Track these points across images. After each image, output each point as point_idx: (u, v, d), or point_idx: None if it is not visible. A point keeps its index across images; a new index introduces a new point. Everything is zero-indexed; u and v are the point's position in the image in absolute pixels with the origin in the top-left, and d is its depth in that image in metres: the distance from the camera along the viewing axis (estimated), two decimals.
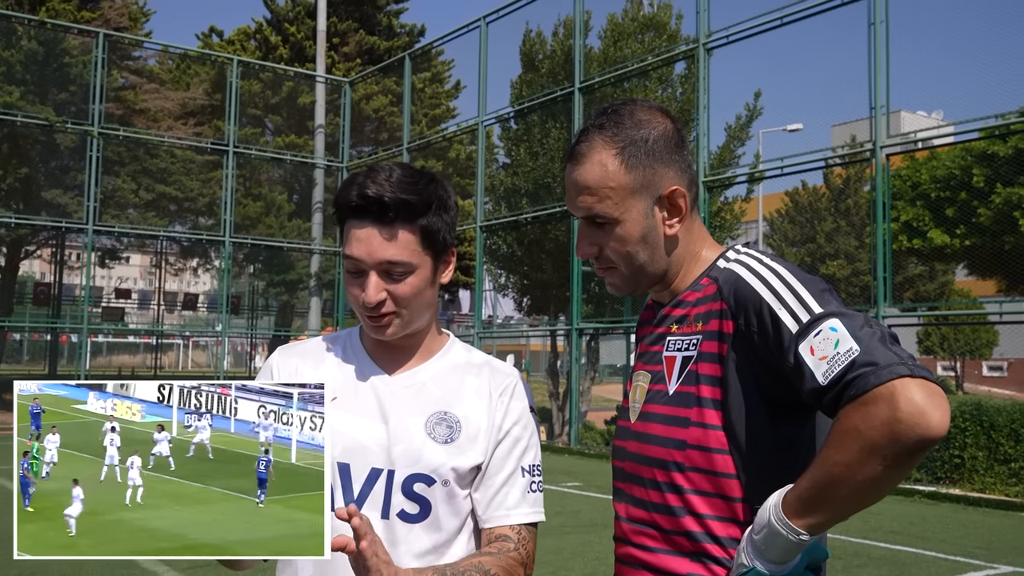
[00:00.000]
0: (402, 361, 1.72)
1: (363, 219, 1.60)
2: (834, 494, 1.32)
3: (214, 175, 23.85)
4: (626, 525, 1.61)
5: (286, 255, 25.17)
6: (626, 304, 18.31)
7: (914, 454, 1.26)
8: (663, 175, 1.57)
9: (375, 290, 1.61)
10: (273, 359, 1.78)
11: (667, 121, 1.61)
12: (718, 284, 1.55)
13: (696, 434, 1.50)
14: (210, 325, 35.81)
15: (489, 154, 20.78)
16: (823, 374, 1.34)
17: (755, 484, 1.46)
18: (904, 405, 1.25)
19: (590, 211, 1.58)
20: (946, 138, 15.00)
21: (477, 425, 1.67)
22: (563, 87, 18.00)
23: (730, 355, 1.48)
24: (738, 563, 1.41)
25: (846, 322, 1.36)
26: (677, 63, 17.55)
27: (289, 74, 25.86)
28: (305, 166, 24.93)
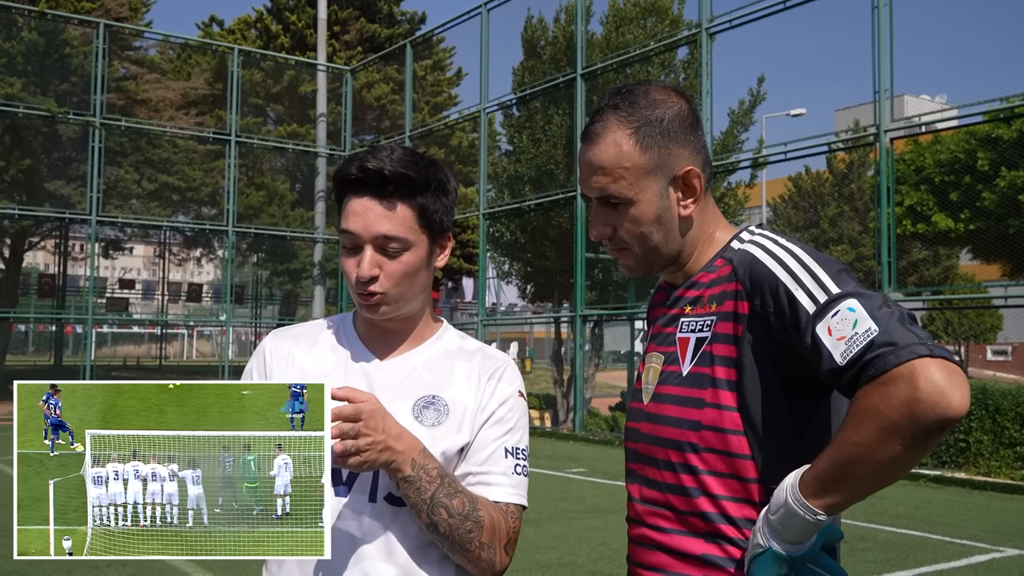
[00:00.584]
0: (394, 346, 1.71)
1: (361, 192, 1.60)
2: (852, 474, 1.31)
3: (216, 165, 23.84)
4: (640, 506, 1.61)
5: (289, 244, 25.18)
6: (630, 290, 18.31)
7: (933, 434, 1.26)
8: (678, 155, 1.57)
9: (369, 265, 1.60)
10: (266, 343, 1.77)
11: (682, 101, 1.59)
12: (733, 265, 1.54)
13: (711, 415, 1.49)
14: (214, 315, 35.83)
15: (491, 141, 20.75)
16: (841, 354, 1.33)
17: (770, 465, 1.46)
18: (924, 385, 1.24)
19: (604, 191, 1.57)
20: (950, 122, 14.94)
21: (464, 406, 1.66)
22: (565, 73, 17.95)
23: (745, 336, 1.48)
24: (754, 543, 1.40)
25: (864, 302, 1.35)
26: (680, 48, 17.48)
27: (290, 63, 25.80)
28: (307, 155, 24.90)
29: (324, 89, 24.34)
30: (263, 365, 1.73)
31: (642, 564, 1.60)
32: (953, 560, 7.03)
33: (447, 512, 1.54)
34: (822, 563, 1.39)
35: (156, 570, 6.18)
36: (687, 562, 1.51)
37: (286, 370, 1.70)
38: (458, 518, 1.54)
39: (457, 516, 1.54)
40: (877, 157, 13.09)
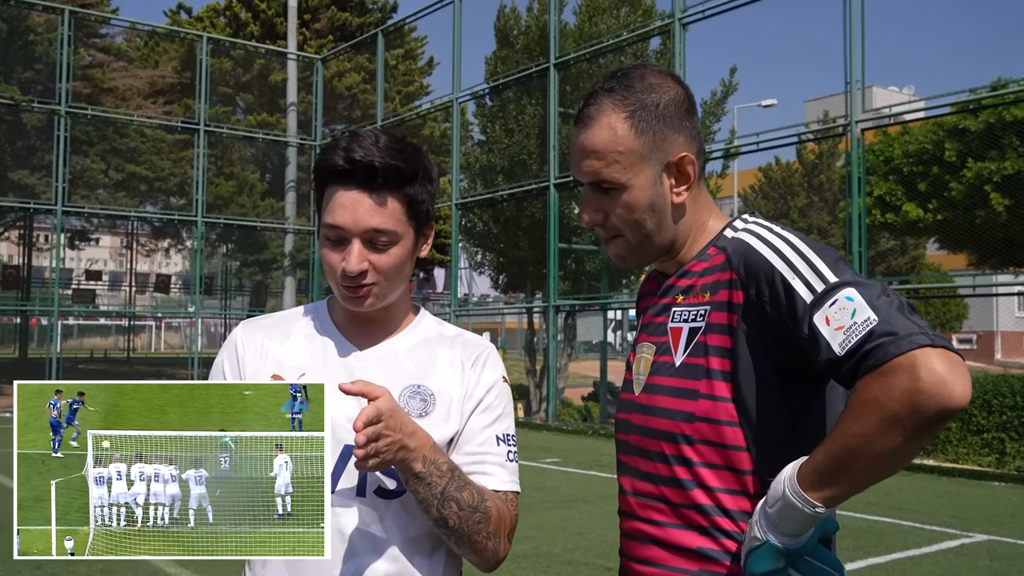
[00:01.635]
0: (373, 334, 1.67)
1: (349, 184, 1.54)
2: (852, 466, 1.29)
3: (185, 154, 23.56)
4: (632, 499, 1.59)
5: (260, 235, 24.97)
6: (603, 281, 18.36)
7: (935, 425, 1.24)
8: (673, 141, 1.54)
9: (358, 259, 1.55)
10: (236, 334, 1.70)
11: (678, 86, 1.57)
12: (727, 254, 1.52)
13: (705, 406, 1.47)
14: (182, 306, 35.48)
15: (464, 131, 20.68)
16: (840, 344, 1.31)
17: (765, 456, 1.44)
18: (925, 375, 1.23)
19: (597, 176, 1.54)
20: (919, 113, 15.08)
21: (450, 396, 1.63)
22: (538, 63, 17.91)
23: (740, 326, 1.45)
24: (751, 536, 1.38)
25: (863, 291, 1.33)
26: (653, 38, 17.51)
27: (260, 51, 25.54)
28: (277, 145, 24.69)
29: (294, 78, 24.13)
30: (235, 357, 1.67)
31: (635, 558, 1.58)
32: (924, 546, 7.13)
33: (457, 505, 1.52)
34: (819, 555, 1.37)
35: (131, 567, 6.12)
36: (681, 555, 1.49)
37: (259, 362, 1.65)
38: (468, 510, 1.53)
39: (467, 509, 1.53)
40: (848, 148, 13.20)
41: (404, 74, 27.59)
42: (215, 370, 1.70)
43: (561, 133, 17.35)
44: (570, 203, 18.45)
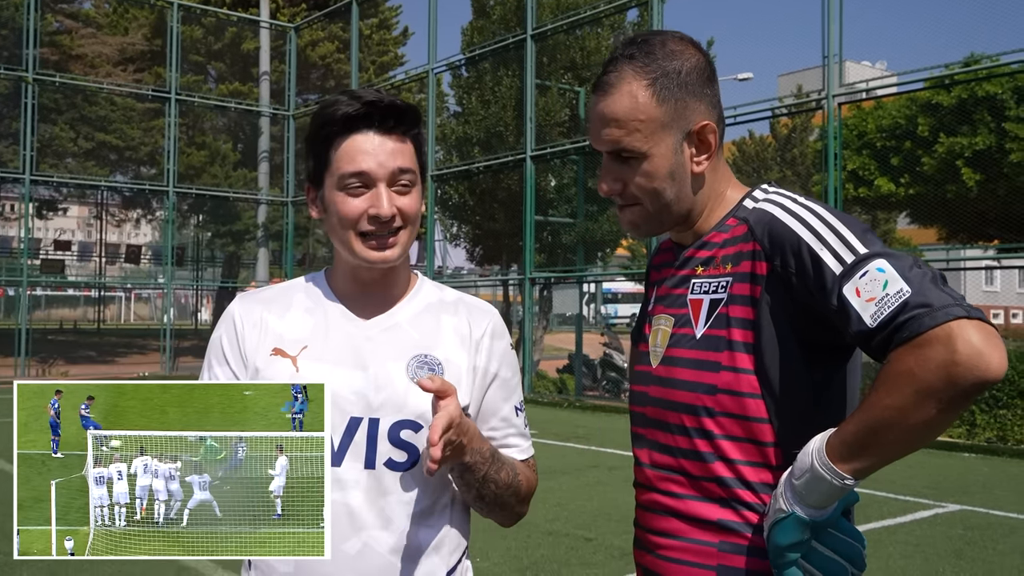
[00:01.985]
0: (375, 303, 1.64)
1: (364, 129, 1.53)
2: (883, 438, 1.28)
3: (156, 123, 23.22)
4: (650, 471, 1.57)
5: (232, 205, 24.72)
6: (578, 253, 18.37)
7: (969, 397, 1.23)
8: (694, 109, 1.51)
9: (390, 202, 1.53)
10: (234, 309, 1.67)
11: (699, 53, 1.54)
12: (749, 224, 1.50)
13: (727, 378, 1.46)
14: (152, 277, 35.12)
15: (439, 102, 20.53)
16: (871, 316, 1.30)
17: (788, 428, 1.43)
18: (962, 347, 1.21)
19: (617, 144, 1.51)
20: (895, 88, 15.16)
21: (458, 366, 1.62)
22: (515, 34, 17.77)
23: (763, 297, 1.43)
24: (775, 508, 1.37)
25: (894, 263, 1.31)
26: (630, 11, 17.41)
27: (232, 19, 25.13)
28: (250, 114, 24.38)
29: (267, 47, 23.80)
30: (233, 332, 1.63)
31: (653, 530, 1.57)
32: (899, 516, 7.25)
33: (495, 485, 1.57)
34: (841, 527, 1.37)
35: None
36: (702, 527, 1.49)
37: (259, 336, 1.61)
38: (504, 488, 1.58)
39: (504, 487, 1.58)
40: (823, 122, 13.24)
41: (378, 44, 27.29)
42: (213, 345, 1.66)
43: (538, 105, 17.27)
44: (546, 175, 18.41)
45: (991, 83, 16.79)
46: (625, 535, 6.56)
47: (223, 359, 1.63)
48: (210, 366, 1.65)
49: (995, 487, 8.24)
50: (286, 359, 1.59)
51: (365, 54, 24.98)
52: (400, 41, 28.83)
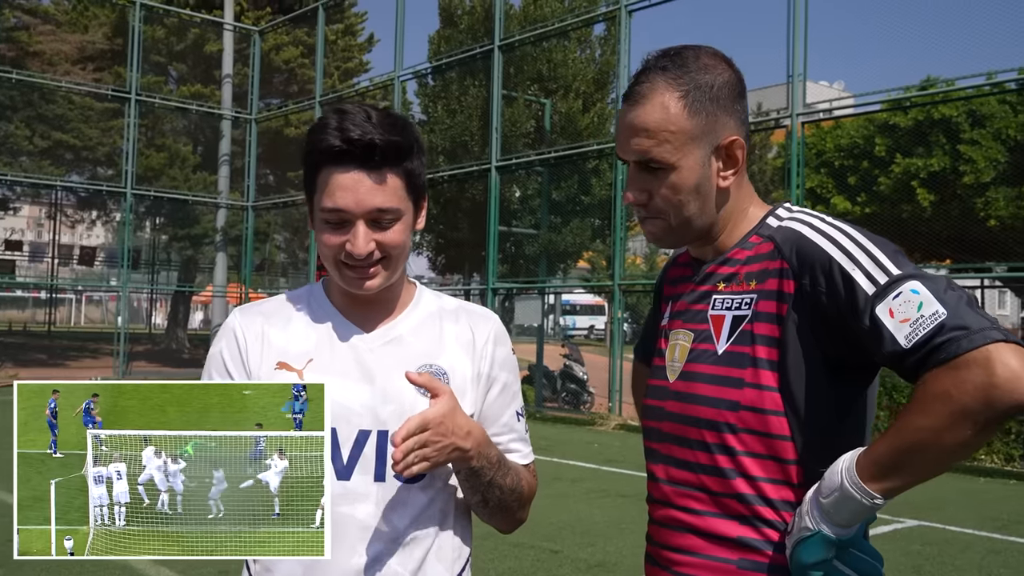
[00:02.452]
0: (376, 316, 1.63)
1: (347, 165, 1.48)
2: (917, 458, 1.29)
3: (115, 124, 22.87)
4: (667, 487, 1.56)
5: (191, 208, 24.38)
6: (541, 264, 18.40)
7: (1004, 419, 1.26)
8: (724, 124, 1.52)
9: (365, 240, 1.50)
10: (234, 321, 1.65)
11: (730, 70, 1.55)
12: (775, 242, 1.50)
13: (751, 395, 1.45)
14: (105, 280, 34.53)
15: (404, 110, 20.46)
16: (905, 337, 1.30)
17: (809, 447, 1.44)
18: (1001, 370, 1.23)
19: (646, 155, 1.51)
20: (856, 108, 15.43)
21: (463, 375, 1.62)
22: (483, 44, 17.80)
23: (790, 315, 1.44)
24: (801, 526, 1.37)
25: (928, 285, 1.32)
26: (597, 24, 17.53)
27: (195, 20, 24.86)
28: (211, 117, 24.10)
29: (231, 49, 23.57)
30: (235, 345, 1.61)
31: (670, 546, 1.56)
32: None
33: (500, 491, 1.57)
34: (861, 547, 1.38)
35: None
36: (721, 544, 1.48)
37: (261, 349, 1.60)
38: (508, 493, 1.58)
39: (508, 492, 1.58)
40: (784, 139, 13.40)
41: (344, 50, 27.16)
42: (213, 359, 1.64)
43: (504, 116, 17.29)
44: (511, 186, 18.43)
45: (947, 106, 17.18)
46: (590, 547, 6.56)
47: (225, 372, 1.61)
48: (210, 378, 1.62)
49: (951, 504, 8.38)
50: (292, 372, 1.58)
51: (330, 60, 24.84)
52: (365, 48, 28.72)
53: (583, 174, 18.13)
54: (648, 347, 1.83)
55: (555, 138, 18.68)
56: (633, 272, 27.34)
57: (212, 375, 1.62)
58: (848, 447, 1.39)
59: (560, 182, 18.28)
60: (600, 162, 17.33)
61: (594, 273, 27.42)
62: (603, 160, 16.98)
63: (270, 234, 26.11)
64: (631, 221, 18.86)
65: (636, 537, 6.87)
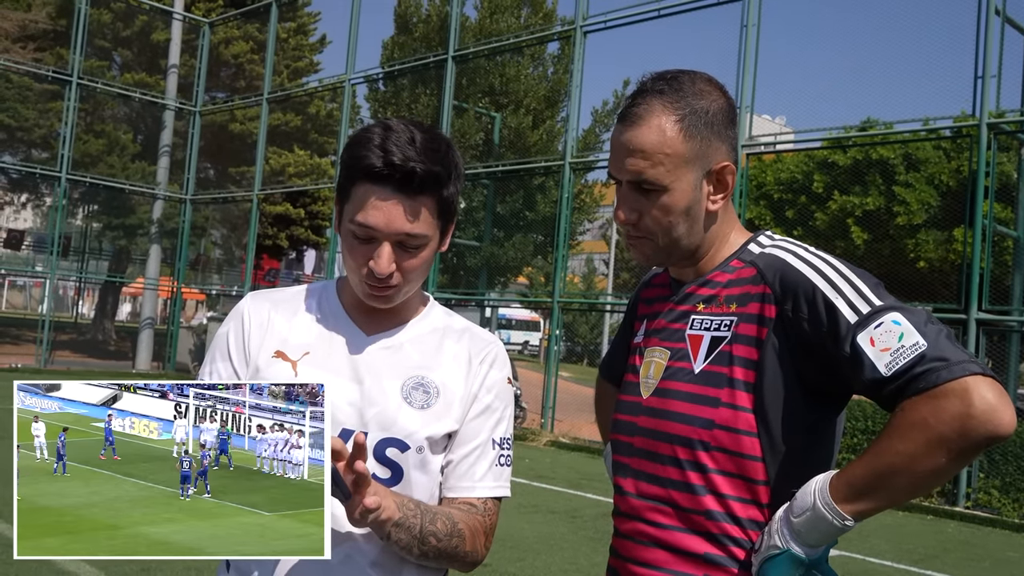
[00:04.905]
0: (381, 322, 1.64)
1: (383, 186, 1.49)
2: (891, 483, 1.33)
3: (53, 106, 22.25)
4: (636, 500, 1.58)
5: (127, 198, 23.81)
6: (481, 276, 18.41)
7: (979, 450, 1.30)
8: (717, 149, 1.55)
9: (388, 261, 1.51)
10: (244, 305, 1.67)
11: (724, 97, 1.58)
12: (758, 267, 1.53)
13: (725, 415, 1.48)
14: (31, 265, 33.52)
15: (353, 113, 20.34)
16: (886, 365, 1.34)
17: (780, 468, 1.47)
18: (978, 402, 1.27)
19: (639, 176, 1.54)
20: (797, 144, 15.78)
21: (454, 392, 1.61)
22: (436, 53, 17.79)
23: (770, 339, 1.47)
24: (769, 544, 1.40)
25: (909, 317, 1.37)
26: (551, 43, 17.66)
27: (144, 7, 24.35)
28: (154, 106, 23.62)
29: (178, 39, 23.14)
30: (241, 330, 1.64)
31: (635, 560, 1.57)
32: None
33: (436, 538, 1.51)
34: (823, 568, 1.40)
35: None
36: (686, 560, 1.50)
37: (263, 336, 1.62)
38: (445, 539, 1.53)
39: (444, 538, 1.53)
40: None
41: (295, 49, 26.86)
42: (219, 340, 1.66)
43: (454, 126, 17.29)
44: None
45: (885, 148, 17.69)
46: (519, 562, 6.55)
47: (227, 355, 1.63)
48: (213, 360, 1.64)
49: (871, 535, 8.57)
50: (287, 363, 1.59)
51: (280, 57, 24.55)
52: (317, 48, 28.44)
53: (529, 190, 18.22)
54: (615, 365, 1.85)
55: (503, 152, 18.75)
56: (571, 290, 27.50)
57: (215, 355, 1.65)
58: (816, 471, 1.43)
59: (505, 196, 18.34)
60: (547, 179, 17.44)
61: (532, 289, 27.52)
62: (550, 177, 17.09)
63: (207, 229, 25.62)
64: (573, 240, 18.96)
65: (566, 553, 6.89)
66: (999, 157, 12.25)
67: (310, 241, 27.21)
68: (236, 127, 24.32)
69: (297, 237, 26.39)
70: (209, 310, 37.03)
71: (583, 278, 42.46)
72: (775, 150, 17.38)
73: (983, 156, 10.99)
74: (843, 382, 1.43)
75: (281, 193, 23.75)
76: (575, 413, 16.23)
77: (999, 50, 11.27)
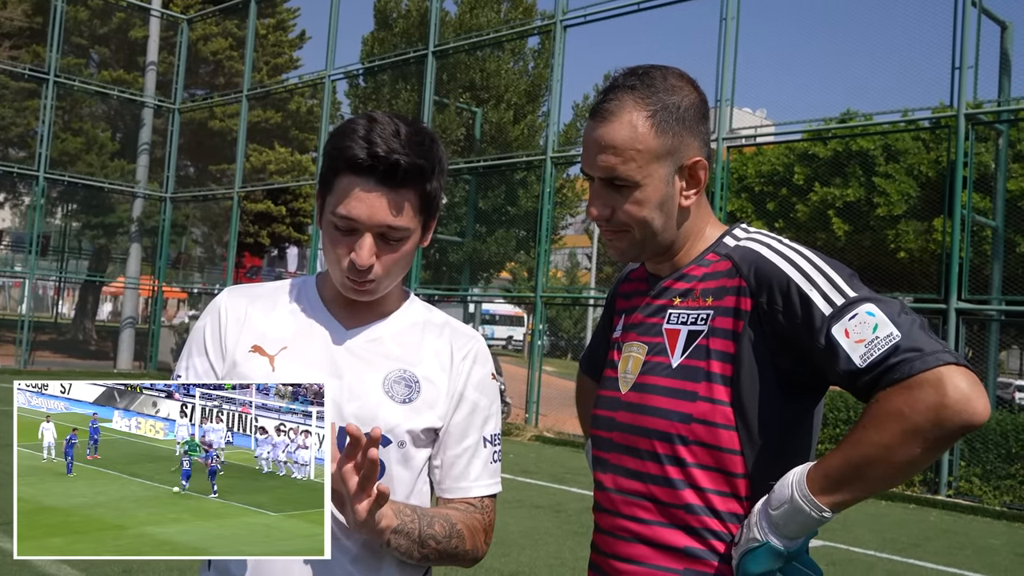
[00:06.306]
0: (360, 316, 1.63)
1: (367, 178, 1.48)
2: (867, 473, 1.33)
3: (30, 104, 22.06)
4: (616, 496, 1.58)
5: (106, 196, 23.64)
6: (464, 272, 18.39)
7: (953, 439, 1.30)
8: (689, 145, 1.55)
9: (368, 253, 1.50)
10: (220, 301, 1.65)
11: (696, 92, 1.57)
12: (733, 261, 1.53)
13: (703, 408, 1.48)
14: (8, 265, 33.22)
15: (333, 109, 20.26)
16: (860, 357, 1.34)
17: (758, 461, 1.47)
18: (952, 392, 1.27)
19: (611, 172, 1.53)
20: (778, 136, 15.85)
21: (437, 388, 1.60)
22: (417, 49, 17.74)
23: (746, 332, 1.47)
24: (748, 537, 1.40)
25: (883, 308, 1.37)
26: (531, 37, 17.65)
27: (121, 4, 24.15)
28: (133, 104, 23.44)
29: (156, 36, 22.98)
30: (217, 324, 1.61)
31: (616, 555, 1.57)
32: None
33: (435, 541, 1.51)
34: (803, 560, 1.41)
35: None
36: (667, 554, 1.50)
37: (240, 330, 1.60)
38: (444, 541, 1.53)
39: (443, 540, 1.52)
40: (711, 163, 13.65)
41: (274, 45, 26.73)
42: (195, 335, 1.63)
43: (435, 122, 17.26)
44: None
45: (865, 140, 17.79)
46: (503, 557, 6.55)
47: (203, 350, 1.61)
48: (189, 355, 1.62)
49: (855, 525, 8.62)
50: (264, 357, 1.57)
51: (259, 54, 24.43)
52: (296, 44, 28.32)
53: (511, 185, 18.21)
54: (595, 359, 1.85)
55: (485, 147, 18.73)
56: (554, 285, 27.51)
57: (191, 350, 1.62)
58: (795, 463, 1.43)
59: (487, 191, 18.32)
60: (528, 174, 17.44)
61: (515, 284, 27.52)
62: (531, 172, 17.09)
63: (188, 227, 25.49)
64: (555, 234, 18.97)
65: (550, 548, 6.90)
66: (977, 147, 12.34)
67: (292, 238, 27.12)
68: (216, 124, 24.18)
69: (279, 234, 26.31)
70: (191, 309, 36.84)
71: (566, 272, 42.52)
72: (756, 143, 17.43)
73: (961, 147, 11.07)
74: (819, 374, 1.43)
75: (262, 190, 23.64)
76: (559, 408, 16.25)
77: (976, 41, 11.35)
